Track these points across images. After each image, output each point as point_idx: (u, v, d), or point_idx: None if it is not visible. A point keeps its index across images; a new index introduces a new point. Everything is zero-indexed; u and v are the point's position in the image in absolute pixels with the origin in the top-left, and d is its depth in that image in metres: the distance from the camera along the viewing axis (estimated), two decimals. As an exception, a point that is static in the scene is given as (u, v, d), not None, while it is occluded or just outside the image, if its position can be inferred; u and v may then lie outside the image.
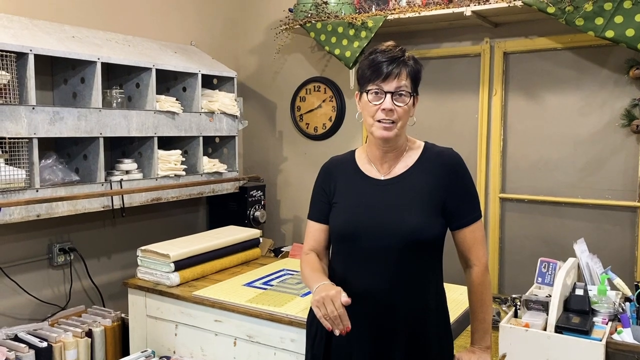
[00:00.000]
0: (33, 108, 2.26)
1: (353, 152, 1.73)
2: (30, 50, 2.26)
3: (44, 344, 2.30)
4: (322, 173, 1.74)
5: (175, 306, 2.45)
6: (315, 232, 1.71)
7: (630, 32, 2.26)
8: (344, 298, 1.40)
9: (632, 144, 2.56)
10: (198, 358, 2.39)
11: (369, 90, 1.54)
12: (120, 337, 2.64)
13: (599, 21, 2.31)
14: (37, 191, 2.30)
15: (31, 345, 2.29)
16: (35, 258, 2.63)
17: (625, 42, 2.29)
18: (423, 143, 1.68)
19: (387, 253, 1.55)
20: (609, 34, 2.30)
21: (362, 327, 1.57)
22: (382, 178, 1.62)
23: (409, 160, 1.63)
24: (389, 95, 1.51)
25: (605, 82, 2.61)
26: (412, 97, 1.55)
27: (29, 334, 2.37)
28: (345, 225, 1.60)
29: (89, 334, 2.50)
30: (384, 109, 1.52)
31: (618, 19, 2.27)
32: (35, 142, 2.28)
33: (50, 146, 2.60)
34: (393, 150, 1.61)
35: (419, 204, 1.56)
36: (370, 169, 1.65)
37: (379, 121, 1.53)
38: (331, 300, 1.40)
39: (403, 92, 1.52)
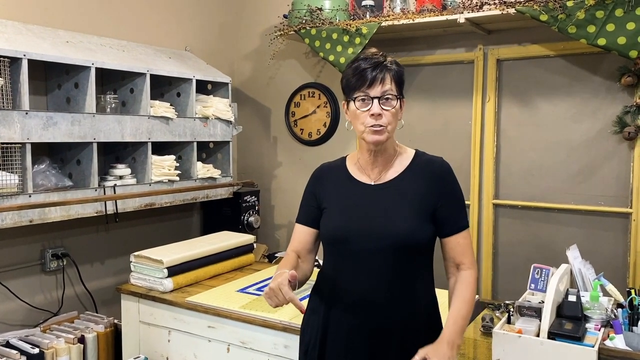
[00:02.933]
0: (26, 113, 2.26)
1: (344, 159, 1.74)
2: (24, 55, 2.25)
3: (36, 350, 2.29)
4: (313, 178, 1.76)
5: (169, 312, 2.44)
6: (301, 235, 1.72)
7: (621, 40, 2.28)
8: (290, 277, 1.42)
9: (624, 151, 2.58)
10: (191, 364, 2.38)
11: (355, 97, 1.56)
12: (113, 343, 2.62)
13: (591, 29, 2.33)
14: (30, 196, 2.29)
15: (22, 352, 2.27)
16: (28, 263, 2.61)
17: (617, 50, 2.31)
18: (414, 150, 1.69)
19: (377, 257, 1.56)
20: (601, 41, 2.32)
21: (356, 332, 1.58)
22: (373, 183, 1.64)
23: (399, 166, 1.64)
24: (375, 101, 1.53)
25: (598, 89, 2.62)
26: (398, 100, 1.57)
27: (21, 340, 2.35)
28: (336, 229, 1.61)
29: (82, 340, 2.48)
30: (372, 115, 1.53)
31: (610, 27, 2.29)
32: (29, 147, 2.27)
33: (44, 151, 2.59)
34: (383, 154, 1.63)
35: (409, 209, 1.57)
36: (361, 174, 1.66)
37: (369, 127, 1.54)
38: (279, 289, 1.40)
39: (389, 96, 1.54)
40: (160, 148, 2.95)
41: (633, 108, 2.50)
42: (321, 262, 1.74)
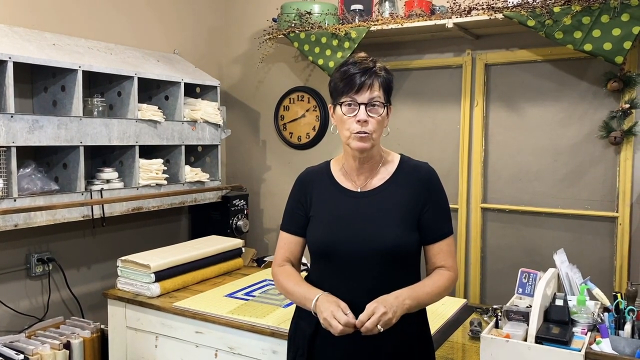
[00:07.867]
0: (12, 116, 2.23)
1: (328, 163, 1.73)
2: (10, 58, 2.23)
3: (21, 357, 2.26)
4: (298, 184, 1.74)
5: (156, 317, 2.42)
6: (291, 245, 1.71)
7: (607, 46, 2.30)
8: (346, 314, 1.46)
9: (611, 155, 2.60)
10: (178, 370, 2.36)
11: (342, 102, 1.54)
12: (100, 348, 2.59)
13: (578, 35, 2.35)
14: (15, 200, 2.26)
15: (7, 358, 2.24)
16: (13, 268, 2.58)
17: (603, 56, 2.33)
18: (399, 156, 1.69)
19: (365, 266, 1.55)
20: (587, 47, 2.34)
21: (345, 339, 1.57)
22: (359, 190, 1.62)
23: (385, 173, 1.63)
24: (362, 107, 1.52)
25: (584, 94, 2.65)
26: (385, 108, 1.56)
27: (5, 347, 2.32)
28: (324, 239, 1.60)
29: (67, 345, 2.45)
30: (358, 121, 1.52)
31: (596, 33, 2.32)
32: (14, 150, 2.25)
33: (29, 155, 2.56)
34: (369, 161, 1.62)
35: (396, 217, 1.57)
36: (346, 181, 1.65)
37: (354, 133, 1.53)
38: (337, 322, 1.44)
39: (376, 103, 1.53)
40: (148, 152, 2.93)
41: (619, 113, 2.53)
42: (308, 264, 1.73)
